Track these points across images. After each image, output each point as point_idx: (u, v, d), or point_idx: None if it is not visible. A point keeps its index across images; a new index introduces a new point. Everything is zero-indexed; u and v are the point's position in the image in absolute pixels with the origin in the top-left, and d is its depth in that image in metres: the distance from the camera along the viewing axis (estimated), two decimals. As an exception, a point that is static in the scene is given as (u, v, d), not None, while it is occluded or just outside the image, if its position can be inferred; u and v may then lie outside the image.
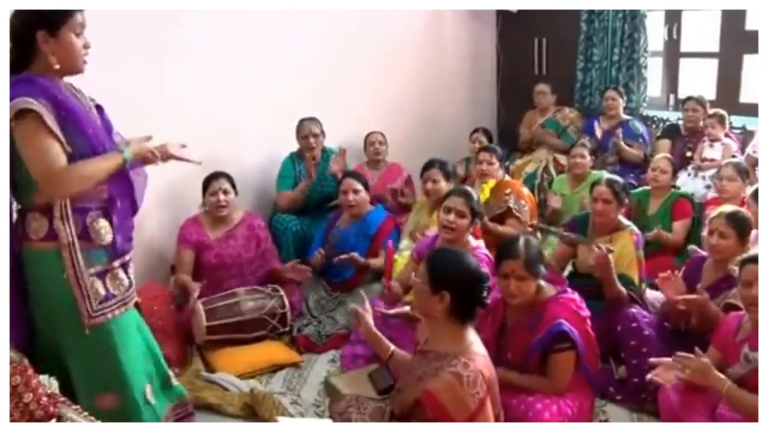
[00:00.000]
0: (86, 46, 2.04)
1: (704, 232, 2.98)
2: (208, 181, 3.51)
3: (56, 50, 1.96)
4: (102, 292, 2.09)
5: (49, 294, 2.07)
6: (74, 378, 2.14)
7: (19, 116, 1.89)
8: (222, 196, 3.47)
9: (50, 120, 1.91)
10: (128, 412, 2.19)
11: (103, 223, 2.10)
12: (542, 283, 2.56)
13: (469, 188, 3.12)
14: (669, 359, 2.31)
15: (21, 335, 2.07)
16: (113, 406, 2.17)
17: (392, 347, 2.45)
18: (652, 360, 2.38)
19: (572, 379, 2.50)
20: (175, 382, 2.46)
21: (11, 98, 1.88)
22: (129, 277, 2.21)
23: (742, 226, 2.74)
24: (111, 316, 2.12)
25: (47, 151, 1.91)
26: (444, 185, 3.65)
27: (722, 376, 2.18)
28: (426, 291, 2.12)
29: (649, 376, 2.33)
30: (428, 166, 3.79)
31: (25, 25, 1.94)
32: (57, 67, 1.98)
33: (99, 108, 2.19)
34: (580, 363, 2.50)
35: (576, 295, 2.59)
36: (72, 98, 2.05)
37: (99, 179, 2.02)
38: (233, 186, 3.55)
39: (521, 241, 2.52)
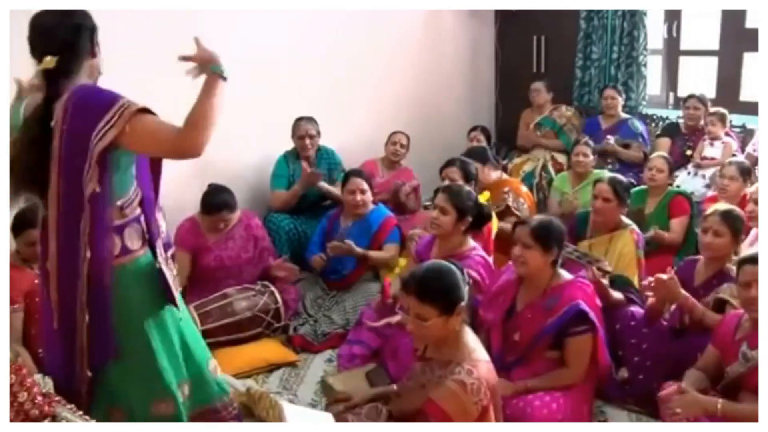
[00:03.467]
0: None
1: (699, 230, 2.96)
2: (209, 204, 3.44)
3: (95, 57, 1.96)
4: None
5: (143, 293, 2.01)
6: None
7: (136, 115, 1.83)
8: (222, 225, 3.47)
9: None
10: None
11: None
12: (560, 270, 2.58)
13: (459, 186, 3.08)
14: (676, 389, 2.26)
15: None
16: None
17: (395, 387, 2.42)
18: (663, 394, 2.32)
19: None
20: None
21: (113, 97, 1.83)
22: None
23: (736, 225, 2.74)
24: None
25: (163, 124, 1.86)
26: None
27: (712, 399, 2.17)
28: (440, 323, 2.00)
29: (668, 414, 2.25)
30: (449, 163, 3.64)
31: (84, 34, 1.90)
32: (101, 74, 1.98)
33: None
34: (599, 354, 2.49)
35: (591, 285, 2.61)
36: None
37: (217, 114, 1.89)
38: (234, 203, 3.49)
39: (540, 216, 2.61)
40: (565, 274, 2.59)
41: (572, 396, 2.45)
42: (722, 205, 2.90)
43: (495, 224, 3.51)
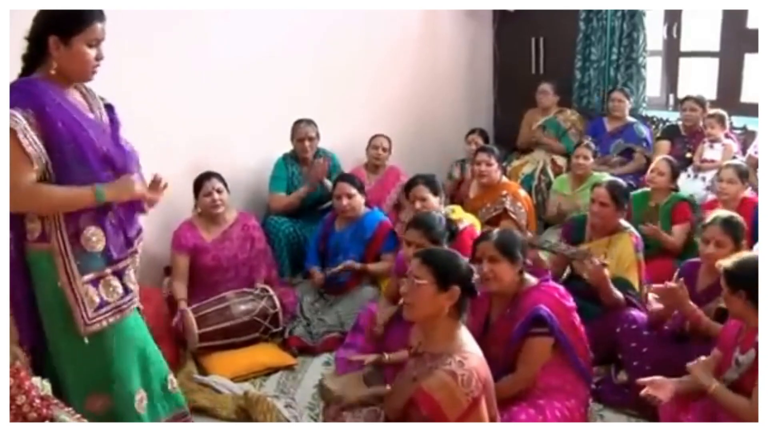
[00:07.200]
0: (98, 58, 2.02)
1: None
2: (200, 183, 3.49)
3: (64, 58, 1.96)
4: (96, 299, 2.07)
5: (47, 297, 2.07)
6: (65, 378, 2.13)
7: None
8: (216, 195, 3.45)
9: (28, 137, 1.90)
10: (119, 415, 2.17)
11: (93, 230, 2.07)
12: (526, 275, 2.55)
13: (428, 217, 2.95)
14: (660, 377, 2.28)
15: (29, 334, 2.11)
16: (104, 409, 2.16)
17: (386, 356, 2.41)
18: (641, 380, 2.32)
19: (563, 378, 2.46)
20: (175, 390, 2.38)
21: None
22: (124, 284, 2.16)
23: (737, 232, 2.72)
24: (106, 324, 2.10)
25: (15, 167, 1.89)
26: (433, 202, 3.36)
27: (711, 378, 2.19)
28: (431, 291, 2.04)
29: (642, 392, 2.27)
30: (412, 183, 3.45)
31: (40, 27, 1.95)
32: (52, 72, 1.97)
33: (109, 107, 2.18)
34: (570, 358, 2.45)
35: (560, 287, 2.57)
36: (71, 104, 2.03)
37: (63, 207, 2.00)
38: (225, 185, 3.53)
39: (497, 229, 2.57)
40: (531, 279, 2.55)
41: (559, 409, 2.41)
42: (722, 213, 2.86)
43: (478, 226, 3.51)
